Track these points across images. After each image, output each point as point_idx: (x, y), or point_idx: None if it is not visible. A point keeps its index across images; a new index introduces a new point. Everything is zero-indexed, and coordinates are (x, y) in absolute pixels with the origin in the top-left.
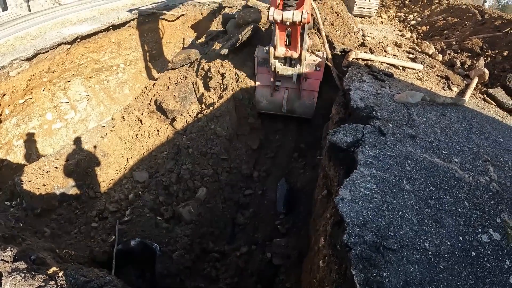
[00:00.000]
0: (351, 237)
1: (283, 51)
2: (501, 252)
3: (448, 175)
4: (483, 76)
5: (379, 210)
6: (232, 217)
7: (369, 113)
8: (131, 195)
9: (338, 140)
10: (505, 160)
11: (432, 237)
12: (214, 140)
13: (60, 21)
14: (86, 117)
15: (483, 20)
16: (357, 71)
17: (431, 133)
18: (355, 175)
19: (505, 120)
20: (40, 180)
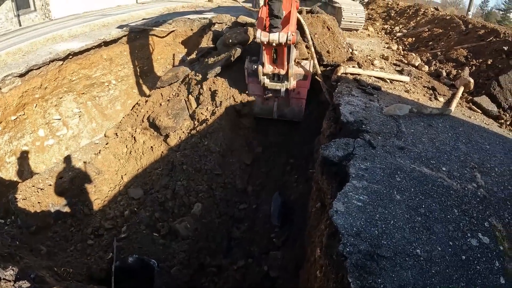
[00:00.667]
0: (346, 247)
1: (271, 68)
2: (490, 255)
3: (436, 184)
4: (468, 85)
5: (371, 220)
6: (227, 231)
7: (359, 127)
8: (126, 212)
9: (330, 154)
10: (492, 166)
11: (424, 244)
12: (208, 156)
13: (51, 37)
14: (78, 133)
15: (467, 30)
16: (346, 86)
17: (419, 144)
18: (347, 187)
19: (491, 127)
20: (34, 197)
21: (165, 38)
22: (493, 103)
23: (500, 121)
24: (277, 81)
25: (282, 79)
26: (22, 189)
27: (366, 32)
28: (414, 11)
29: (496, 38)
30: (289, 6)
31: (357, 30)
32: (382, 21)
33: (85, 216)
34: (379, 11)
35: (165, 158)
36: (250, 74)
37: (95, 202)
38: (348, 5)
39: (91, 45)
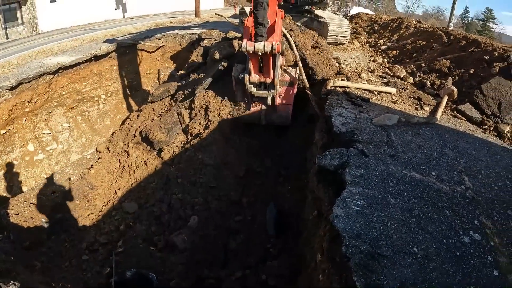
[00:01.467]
0: (348, 248)
1: (257, 77)
2: (482, 250)
3: (427, 188)
4: (452, 94)
5: (370, 223)
6: (224, 243)
7: (351, 137)
8: (121, 226)
9: (326, 163)
10: (478, 169)
11: (420, 242)
12: (203, 170)
13: (41, 50)
14: (68, 148)
15: (449, 41)
16: (336, 98)
17: (408, 151)
18: (345, 194)
19: (475, 133)
20: (27, 212)
21: (154, 53)
22: (477, 110)
23: (484, 127)
24: (264, 89)
25: (269, 87)
26: (14, 204)
27: (351, 45)
28: (397, 24)
29: (477, 48)
30: (274, 15)
31: (343, 44)
32: (367, 34)
33: (78, 231)
34: (363, 24)
35: (160, 172)
36: (237, 82)
37: (88, 217)
38: (334, 20)
39: (82, 59)
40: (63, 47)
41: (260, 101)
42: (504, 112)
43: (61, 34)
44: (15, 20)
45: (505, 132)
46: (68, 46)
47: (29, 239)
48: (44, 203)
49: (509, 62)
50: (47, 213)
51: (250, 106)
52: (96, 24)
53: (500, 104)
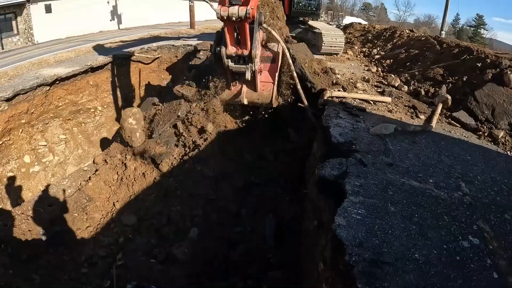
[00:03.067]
0: (352, 256)
1: (234, 49)
2: (481, 254)
3: (426, 195)
4: (446, 101)
5: (371, 231)
6: (225, 254)
7: (349, 147)
8: (121, 239)
9: (326, 174)
10: (474, 175)
11: (420, 249)
12: (202, 181)
13: (37, 61)
14: (64, 160)
15: (442, 49)
16: (333, 109)
17: (406, 159)
18: (346, 203)
19: (470, 140)
20: (24, 225)
21: (150, 65)
22: (471, 116)
23: (478, 133)
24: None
25: (247, 61)
26: (11, 217)
27: (345, 55)
28: (391, 33)
29: (470, 56)
30: None
31: (337, 54)
32: (360, 44)
33: (77, 244)
34: (357, 34)
35: (158, 184)
36: (216, 59)
37: (87, 229)
38: (328, 31)
39: (78, 71)
40: (59, 58)
41: (241, 79)
42: (498, 118)
43: (56, 45)
44: (10, 30)
45: (499, 137)
46: (64, 57)
47: (27, 252)
48: (41, 215)
49: (501, 68)
50: (45, 225)
51: (230, 85)
52: (92, 35)
53: (493, 110)
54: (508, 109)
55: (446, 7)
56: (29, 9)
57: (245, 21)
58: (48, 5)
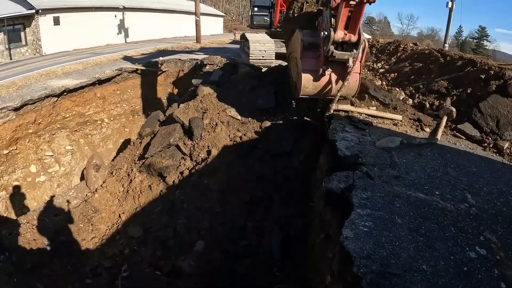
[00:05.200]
0: (360, 268)
1: (342, 34)
2: (489, 264)
3: (432, 207)
4: (451, 114)
5: (379, 243)
6: (231, 268)
7: (355, 160)
8: (126, 250)
9: (333, 187)
10: (480, 187)
11: (428, 260)
12: (208, 194)
13: (45, 72)
14: (70, 171)
15: (445, 62)
16: (339, 123)
17: (412, 172)
18: (353, 216)
19: (476, 151)
20: (29, 234)
21: (157, 78)
22: (476, 128)
23: (483, 144)
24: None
25: (347, 48)
26: (16, 225)
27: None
28: (394, 47)
29: (473, 68)
30: None
31: None
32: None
33: (82, 254)
34: None
35: (164, 197)
36: (305, 48)
37: (92, 240)
38: None
39: (86, 83)
40: (67, 70)
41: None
42: (503, 129)
43: (64, 57)
44: (19, 41)
45: (505, 148)
46: (72, 69)
47: (32, 261)
48: (47, 225)
49: (504, 79)
50: (50, 235)
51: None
52: (99, 48)
53: (498, 122)
54: None
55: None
56: (38, 20)
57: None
58: (56, 17)
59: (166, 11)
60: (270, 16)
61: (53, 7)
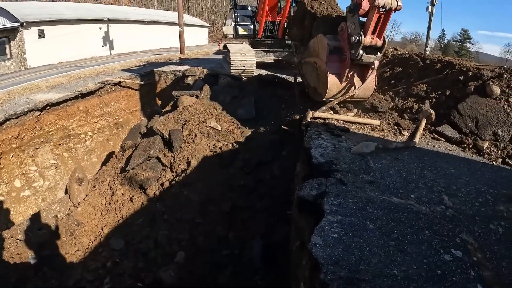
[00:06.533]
0: (327, 275)
1: (370, 39)
2: (464, 266)
3: (406, 210)
4: (430, 117)
5: (348, 249)
6: (212, 278)
7: (329, 167)
8: (108, 263)
9: (305, 194)
10: (458, 188)
11: (399, 265)
12: (188, 205)
13: (28, 86)
14: (54, 185)
15: (425, 65)
16: (315, 130)
17: (387, 176)
18: (323, 222)
19: (455, 152)
20: (13, 249)
21: (140, 91)
22: (455, 130)
23: (463, 145)
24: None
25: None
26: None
27: None
28: None
29: (452, 70)
30: None
31: None
32: None
33: (65, 268)
34: None
35: (146, 209)
36: (331, 52)
37: (75, 254)
38: None
39: (68, 97)
40: (50, 83)
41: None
42: (482, 129)
43: (49, 70)
44: (3, 55)
45: (484, 148)
46: (55, 82)
47: (16, 276)
48: (30, 239)
49: (483, 80)
50: (34, 249)
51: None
52: (84, 60)
53: (477, 122)
54: (491, 119)
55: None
56: (23, 33)
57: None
58: (41, 30)
59: (151, 22)
60: (254, 26)
61: (38, 20)
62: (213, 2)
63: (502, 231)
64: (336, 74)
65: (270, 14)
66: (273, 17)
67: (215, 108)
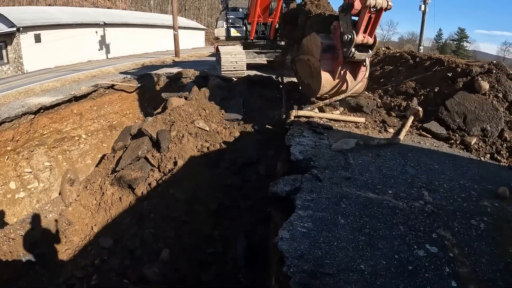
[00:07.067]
0: (290, 268)
1: (362, 37)
2: (439, 262)
3: (382, 206)
4: (417, 113)
5: (315, 243)
6: (197, 275)
7: (307, 164)
8: (97, 261)
9: (278, 190)
10: (440, 183)
11: (368, 260)
12: (174, 204)
13: (23, 90)
14: (49, 187)
15: (415, 63)
16: (298, 128)
17: (366, 172)
18: (293, 217)
19: (441, 149)
20: (6, 247)
21: (133, 93)
22: (442, 126)
23: (450, 141)
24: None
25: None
26: None
27: None
28: None
29: (441, 67)
30: None
31: None
32: None
33: (56, 266)
34: None
35: (134, 208)
36: (324, 50)
37: (66, 252)
38: None
39: (62, 100)
40: (45, 87)
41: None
42: (470, 125)
43: (45, 74)
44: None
45: (472, 144)
46: (50, 86)
47: (8, 273)
48: (23, 238)
49: (472, 76)
50: (26, 248)
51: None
52: (80, 64)
53: (465, 118)
54: (480, 115)
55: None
56: (19, 38)
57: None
58: (37, 35)
59: (148, 26)
60: (245, 27)
61: (34, 25)
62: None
63: (484, 227)
64: (329, 71)
65: (262, 16)
66: (264, 18)
67: (204, 109)
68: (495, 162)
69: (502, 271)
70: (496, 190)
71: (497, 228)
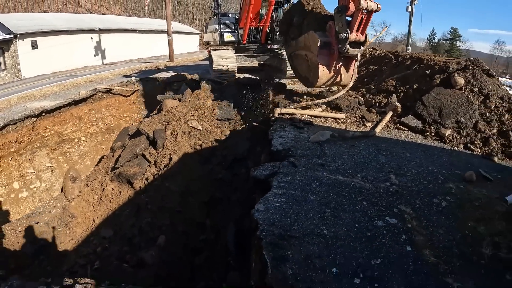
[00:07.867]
0: (262, 232)
1: (355, 35)
2: (397, 231)
3: (350, 186)
4: (396, 109)
5: (286, 214)
6: (190, 259)
7: (286, 153)
8: (98, 249)
9: (258, 174)
10: (409, 169)
11: (330, 227)
12: (169, 196)
13: (24, 95)
14: (50, 186)
15: (397, 63)
16: (280, 124)
17: (339, 160)
18: (268, 194)
19: (415, 140)
20: (13, 238)
21: (130, 97)
22: (419, 120)
23: (425, 134)
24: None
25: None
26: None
27: None
28: None
29: (420, 65)
30: None
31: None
32: None
33: (60, 255)
34: None
35: (132, 201)
36: (321, 46)
37: (69, 242)
38: None
39: (62, 104)
40: (45, 92)
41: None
42: (445, 118)
43: (42, 80)
44: None
45: (446, 135)
46: (50, 91)
47: (15, 263)
48: (29, 230)
49: (449, 72)
50: (32, 240)
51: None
52: (76, 70)
53: (440, 111)
54: (455, 108)
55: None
56: (16, 45)
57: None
58: (34, 41)
59: (142, 31)
60: (237, 32)
61: (31, 31)
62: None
63: (446, 205)
64: (326, 65)
65: (254, 21)
66: (256, 23)
67: (196, 110)
68: (468, 152)
69: (459, 241)
70: (463, 175)
71: (459, 207)
